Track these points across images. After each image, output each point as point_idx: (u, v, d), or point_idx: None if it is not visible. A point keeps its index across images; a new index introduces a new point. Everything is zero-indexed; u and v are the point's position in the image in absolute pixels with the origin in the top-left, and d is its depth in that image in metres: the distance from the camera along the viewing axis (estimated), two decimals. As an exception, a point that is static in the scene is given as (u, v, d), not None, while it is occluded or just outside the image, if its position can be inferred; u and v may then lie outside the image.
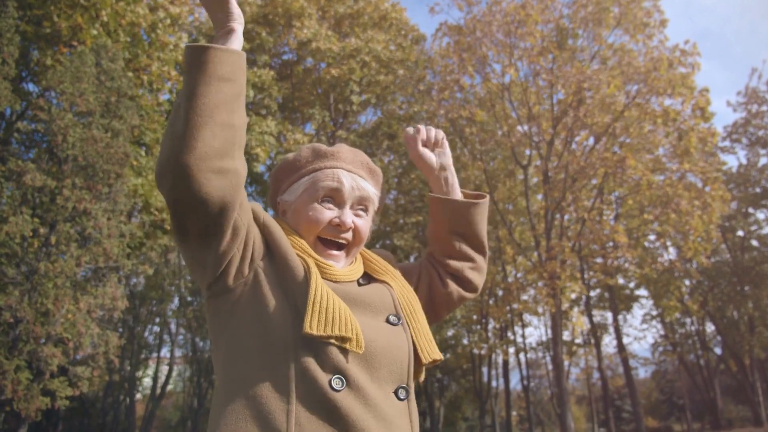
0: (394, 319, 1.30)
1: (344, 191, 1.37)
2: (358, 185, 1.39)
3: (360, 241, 1.39)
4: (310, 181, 1.38)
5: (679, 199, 17.02)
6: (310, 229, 1.35)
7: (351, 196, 1.38)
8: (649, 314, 30.66)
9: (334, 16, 22.23)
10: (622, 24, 19.31)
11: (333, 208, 1.36)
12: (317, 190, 1.36)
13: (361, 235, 1.38)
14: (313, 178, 1.39)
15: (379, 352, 1.21)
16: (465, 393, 33.77)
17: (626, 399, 41.42)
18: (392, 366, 1.23)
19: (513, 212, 21.53)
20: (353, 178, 1.39)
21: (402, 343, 1.27)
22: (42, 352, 11.60)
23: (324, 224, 1.34)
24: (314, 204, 1.36)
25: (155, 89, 18.01)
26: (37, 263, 12.15)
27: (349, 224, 1.35)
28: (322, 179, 1.37)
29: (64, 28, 15.96)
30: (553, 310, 16.69)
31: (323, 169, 1.39)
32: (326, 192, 1.36)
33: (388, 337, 1.25)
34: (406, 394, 1.24)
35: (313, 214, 1.35)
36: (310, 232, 1.35)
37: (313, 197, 1.37)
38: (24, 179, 12.32)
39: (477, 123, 18.78)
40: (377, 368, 1.20)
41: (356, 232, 1.38)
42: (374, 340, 1.22)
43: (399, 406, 1.22)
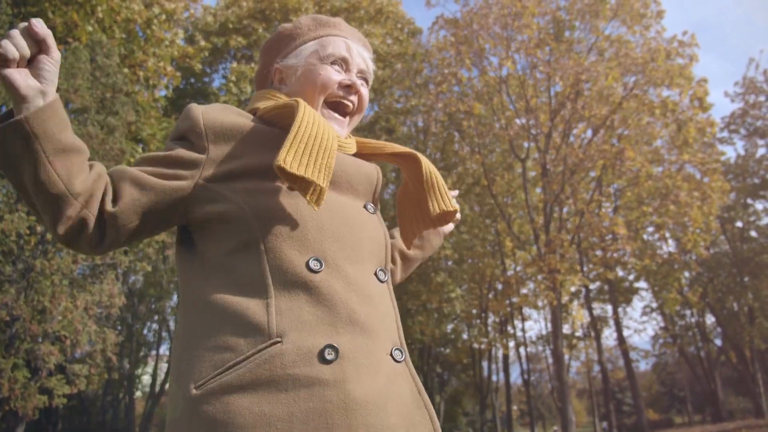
0: (371, 208, 1.29)
1: (351, 58, 1.39)
2: (362, 56, 1.42)
3: (362, 108, 1.42)
4: (318, 45, 1.39)
5: (678, 190, 16.99)
6: (321, 89, 1.34)
7: (356, 64, 1.40)
8: (649, 306, 30.68)
9: (330, 10, 22.12)
10: (619, 15, 19.23)
11: (341, 72, 1.37)
12: (327, 54, 1.36)
13: (363, 102, 1.40)
14: (321, 42, 1.39)
15: (358, 231, 1.19)
16: (465, 388, 33.80)
17: (627, 392, 41.49)
18: (371, 247, 1.21)
19: (512, 205, 21.49)
20: (357, 48, 1.42)
21: (378, 229, 1.26)
22: (39, 350, 11.56)
23: (335, 84, 1.35)
24: (325, 65, 1.36)
25: (151, 85, 17.93)
26: (34, 261, 12.09)
27: (358, 86, 1.37)
28: (331, 44, 1.38)
29: (59, 25, 15.87)
30: (554, 303, 16.66)
31: (330, 36, 1.40)
32: (335, 57, 1.37)
33: (365, 220, 1.24)
34: (385, 276, 1.22)
35: (325, 74, 1.34)
36: (320, 94, 1.34)
37: (322, 60, 1.36)
38: (19, 177, 12.25)
39: (475, 116, 18.72)
40: (356, 245, 1.17)
41: (360, 98, 1.39)
42: (354, 218, 1.20)
43: (380, 287, 1.19)
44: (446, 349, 28.11)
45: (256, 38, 20.71)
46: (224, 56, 22.47)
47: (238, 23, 20.87)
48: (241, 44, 20.59)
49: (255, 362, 0.99)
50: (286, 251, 1.09)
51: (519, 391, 43.05)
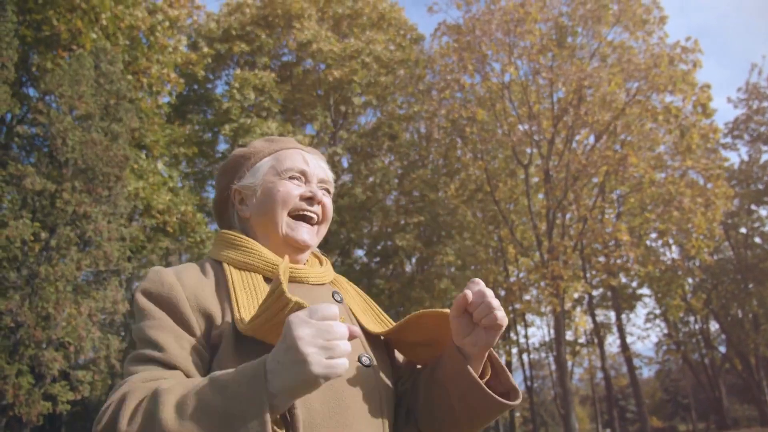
0: (366, 360, 1.22)
1: (310, 169, 1.38)
2: (319, 165, 1.41)
3: (326, 218, 1.39)
4: (274, 160, 1.38)
5: (682, 196, 16.97)
6: (283, 205, 1.32)
7: (315, 175, 1.38)
8: (652, 313, 30.56)
9: (332, 16, 22.21)
10: (622, 21, 19.27)
11: (301, 184, 1.36)
12: (285, 169, 1.36)
13: (327, 212, 1.39)
14: (277, 157, 1.38)
15: (349, 403, 1.13)
16: (468, 394, 33.65)
17: (630, 399, 41.30)
18: (368, 416, 1.16)
19: (514, 212, 21.48)
20: (314, 158, 1.41)
21: (376, 387, 1.20)
22: (43, 356, 11.56)
23: (295, 198, 1.33)
24: (283, 181, 1.34)
25: (155, 92, 18.00)
26: (38, 267, 12.11)
27: (320, 197, 1.35)
28: (288, 158, 1.38)
29: (64, 32, 15.96)
30: (558, 309, 16.63)
31: (285, 149, 1.40)
32: (293, 170, 1.36)
33: (361, 380, 1.18)
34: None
35: (284, 189, 1.33)
36: (282, 209, 1.32)
37: (280, 175, 1.35)
38: (24, 183, 12.29)
39: (478, 122, 18.74)
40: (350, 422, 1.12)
41: (324, 208, 1.38)
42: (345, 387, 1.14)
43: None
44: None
45: (260, 44, 20.78)
46: (227, 63, 22.54)
47: (241, 30, 20.95)
48: (245, 50, 20.66)
49: None
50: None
51: (522, 398, 42.89)
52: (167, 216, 16.50)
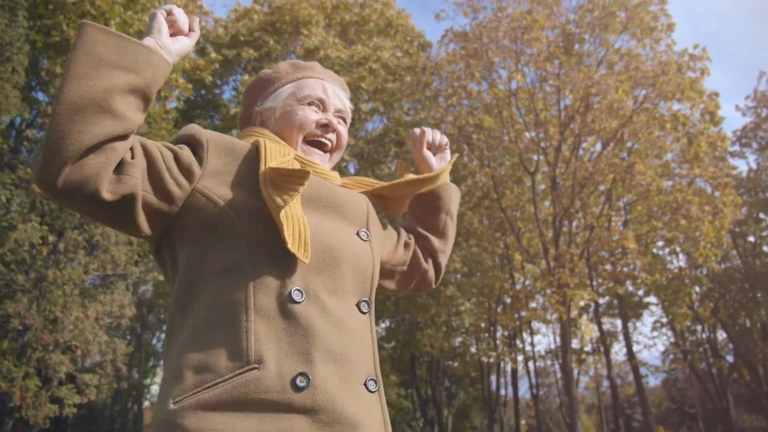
0: (365, 235, 1.33)
1: (328, 98, 1.45)
2: (338, 95, 1.49)
3: (341, 146, 1.47)
4: (295, 87, 1.45)
5: (689, 204, 16.90)
6: (298, 128, 1.40)
7: (332, 104, 1.46)
8: (659, 322, 30.38)
9: (340, 23, 22.29)
10: (629, 28, 19.27)
11: (318, 111, 1.43)
12: (304, 95, 1.43)
13: (342, 139, 1.46)
14: (298, 84, 1.46)
15: (344, 263, 1.22)
16: (473, 402, 33.53)
17: (636, 408, 41.02)
18: (356, 278, 1.24)
19: (521, 219, 21.44)
20: (333, 88, 1.48)
21: (368, 258, 1.29)
22: (50, 359, 11.61)
23: (312, 124, 1.40)
24: (302, 106, 1.42)
25: (162, 96, 18.09)
26: (46, 270, 12.17)
27: (335, 124, 1.43)
28: (308, 86, 1.45)
29: (73, 37, 16.07)
30: (564, 317, 16.56)
31: (307, 78, 1.47)
32: (312, 98, 1.43)
33: (355, 249, 1.27)
34: (368, 308, 1.26)
35: (302, 113, 1.41)
36: (299, 133, 1.40)
37: (299, 101, 1.43)
38: (33, 187, 12.37)
39: (484, 129, 18.74)
40: (341, 277, 1.21)
41: (339, 136, 1.45)
42: (342, 250, 1.23)
43: (360, 318, 1.23)
44: (454, 363, 27.95)
45: (267, 50, 20.87)
46: (234, 68, 22.64)
47: (249, 36, 21.05)
48: (253, 56, 20.75)
49: (231, 384, 1.04)
50: (271, 280, 1.14)
51: (527, 406, 42.68)
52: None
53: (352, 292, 1.23)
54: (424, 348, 21.08)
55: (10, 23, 12.63)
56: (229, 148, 1.26)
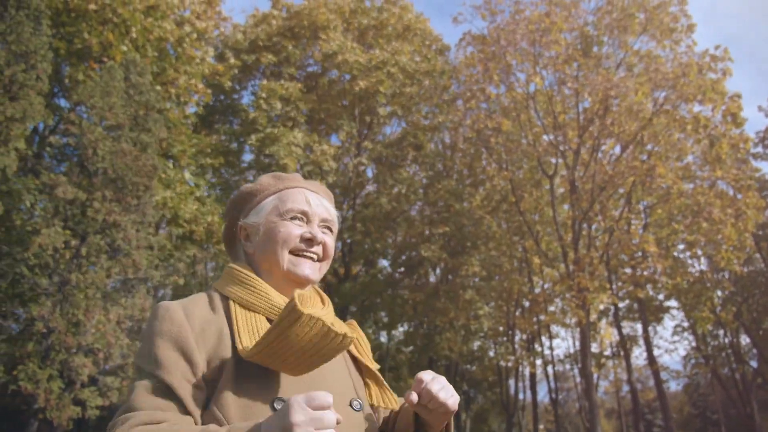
0: (357, 405, 1.30)
1: (311, 209, 1.41)
2: (322, 204, 1.45)
3: (327, 256, 1.43)
4: (278, 200, 1.42)
5: (711, 207, 16.68)
6: (283, 245, 1.36)
7: (317, 215, 1.42)
8: (680, 326, 30.00)
9: (358, 27, 22.36)
10: (649, 30, 19.10)
11: (302, 225, 1.40)
12: (287, 209, 1.40)
13: (328, 251, 1.42)
14: (280, 197, 1.43)
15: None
16: (492, 406, 33.36)
17: (657, 413, 40.50)
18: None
19: (540, 222, 21.32)
20: (317, 197, 1.45)
21: (360, 427, 1.27)
22: (73, 362, 11.76)
23: (296, 239, 1.37)
24: (284, 221, 1.39)
25: (182, 102, 18.28)
26: (69, 274, 12.34)
27: (320, 238, 1.39)
28: (290, 198, 1.42)
29: (95, 45, 16.32)
30: (584, 321, 16.42)
31: (289, 188, 1.44)
32: (295, 211, 1.40)
33: (349, 423, 1.24)
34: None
35: (285, 230, 1.37)
36: (283, 249, 1.36)
37: (282, 215, 1.39)
38: (56, 192, 12.56)
39: (503, 132, 18.68)
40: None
41: (325, 248, 1.41)
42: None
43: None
44: (472, 367, 27.82)
45: (286, 55, 21.00)
46: (253, 73, 22.82)
47: (267, 40, 21.21)
48: (272, 61, 20.89)
49: None
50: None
51: (546, 410, 42.36)
52: (194, 225, 16.73)
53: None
54: (442, 352, 21.02)
55: (34, 32, 12.84)
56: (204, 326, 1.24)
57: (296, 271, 1.35)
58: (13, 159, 11.97)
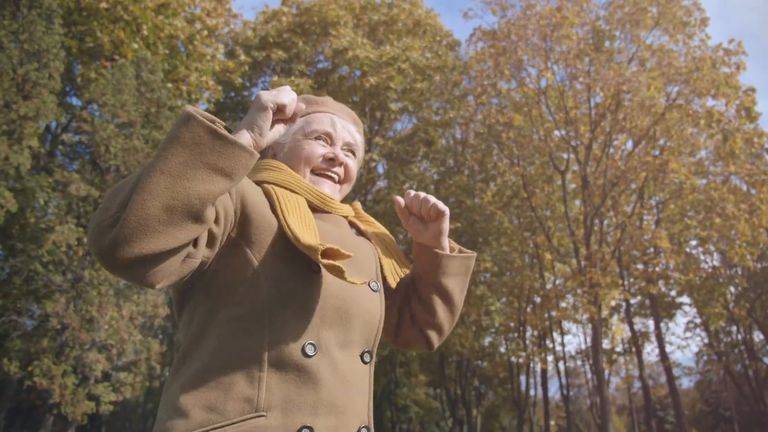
0: (375, 285, 1.33)
1: (335, 132, 1.46)
2: (347, 129, 1.50)
3: (349, 178, 1.48)
4: (304, 122, 1.47)
5: (725, 202, 16.53)
6: (305, 162, 1.42)
7: (340, 138, 1.47)
8: (692, 322, 29.81)
9: (368, 23, 22.32)
10: (661, 24, 18.93)
11: (326, 146, 1.45)
12: (312, 130, 1.45)
13: (350, 173, 1.47)
14: (307, 119, 1.47)
15: (354, 315, 1.24)
16: (503, 402, 33.35)
17: (669, 410, 40.30)
18: (364, 330, 1.26)
19: (551, 218, 21.23)
20: (342, 122, 1.50)
21: (377, 310, 1.31)
22: (87, 357, 11.87)
23: (318, 157, 1.42)
24: (309, 140, 1.44)
25: (193, 99, 18.34)
26: (82, 271, 12.45)
27: (341, 158, 1.44)
28: (316, 121, 1.47)
29: (107, 43, 16.40)
30: (597, 317, 16.35)
31: (315, 113, 1.49)
32: (320, 132, 1.45)
33: (366, 302, 1.28)
34: (370, 358, 1.28)
35: (309, 148, 1.43)
36: (305, 166, 1.42)
37: (307, 135, 1.45)
38: (69, 189, 12.66)
39: (514, 128, 18.61)
40: (350, 330, 1.23)
41: (347, 169, 1.46)
42: (354, 304, 1.25)
43: (362, 369, 1.25)
44: (484, 363, 27.81)
45: (297, 52, 21.00)
46: (264, 70, 22.84)
47: (278, 37, 21.21)
48: (282, 58, 20.90)
49: (238, 428, 1.06)
50: (286, 333, 1.16)
51: (557, 407, 42.27)
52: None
53: (358, 343, 1.26)
54: (453, 348, 21.02)
55: (47, 30, 12.93)
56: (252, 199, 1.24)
57: (319, 194, 1.38)
58: (27, 157, 12.07)
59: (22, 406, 18.26)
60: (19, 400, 17.22)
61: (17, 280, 12.75)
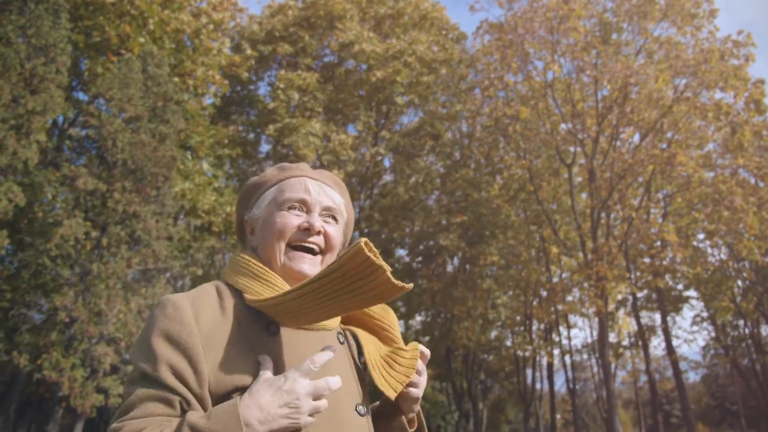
0: (362, 409, 1.25)
1: (311, 198, 1.33)
2: (324, 192, 1.36)
3: (331, 247, 1.34)
4: (277, 191, 1.36)
5: (733, 196, 16.44)
6: (278, 236, 1.29)
7: (317, 203, 1.34)
8: (699, 316, 29.71)
9: (374, 17, 22.26)
10: (669, 16, 18.79)
11: (301, 214, 1.32)
12: (285, 199, 1.33)
13: (331, 241, 1.33)
14: (279, 187, 1.36)
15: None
16: (509, 395, 33.37)
17: (675, 403, 40.27)
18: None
19: (558, 211, 21.18)
20: (319, 185, 1.37)
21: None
22: (95, 350, 11.93)
23: (292, 229, 1.30)
24: (282, 212, 1.32)
25: (199, 93, 18.34)
26: (90, 265, 12.50)
27: (317, 227, 1.30)
28: (289, 188, 1.35)
29: (113, 37, 16.42)
30: (603, 310, 16.32)
31: (289, 178, 1.37)
32: (293, 200, 1.33)
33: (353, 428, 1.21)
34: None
35: (281, 220, 1.30)
36: (279, 240, 1.29)
37: (280, 206, 1.33)
38: (77, 184, 12.70)
39: (521, 121, 18.54)
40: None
41: (327, 238, 1.33)
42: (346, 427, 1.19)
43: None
44: (490, 356, 27.83)
45: (303, 46, 20.96)
46: (269, 64, 22.82)
47: (284, 31, 21.18)
48: (288, 52, 20.87)
49: None
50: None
51: (563, 400, 42.29)
52: (212, 216, 16.84)
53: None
54: (460, 341, 21.03)
55: (54, 25, 12.95)
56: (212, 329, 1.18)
57: (292, 266, 1.28)
58: (35, 151, 12.12)
59: (31, 399, 18.39)
60: (29, 393, 17.35)
61: (26, 274, 12.83)
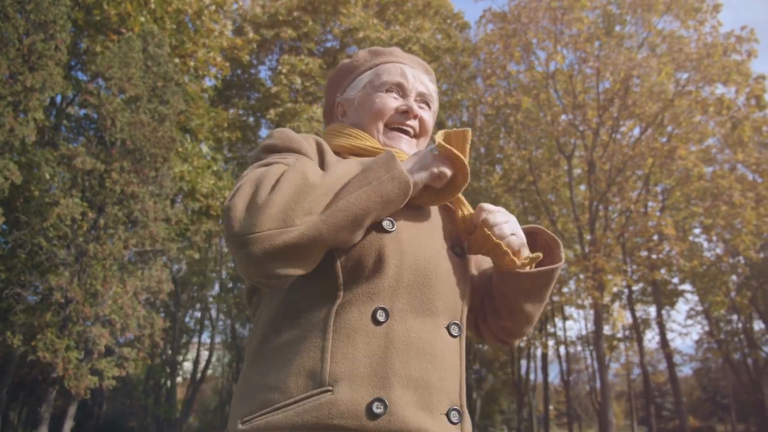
0: (458, 250, 1.23)
1: (408, 83, 1.36)
2: (420, 79, 1.39)
3: (425, 131, 1.38)
4: (374, 74, 1.38)
5: (732, 191, 16.46)
6: (377, 117, 1.32)
7: (414, 88, 1.37)
8: (693, 310, 29.88)
9: (378, 2, 22.06)
10: (673, 9, 18.69)
11: (398, 98, 1.35)
12: (382, 82, 1.35)
13: (425, 125, 1.37)
14: (376, 71, 1.38)
15: (435, 280, 1.14)
16: (503, 386, 33.53)
17: (667, 396, 40.55)
18: (447, 298, 1.16)
19: (556, 203, 21.17)
20: (414, 73, 1.39)
21: (461, 276, 1.20)
22: (90, 332, 11.88)
23: (391, 111, 1.33)
24: (379, 93, 1.34)
25: (200, 75, 18.19)
26: (87, 245, 12.42)
27: (416, 111, 1.34)
28: (386, 72, 1.37)
29: (113, 16, 16.24)
30: (601, 301, 16.35)
31: (385, 63, 1.39)
32: (390, 84, 1.35)
33: (449, 266, 1.18)
34: (458, 331, 1.16)
35: (380, 101, 1.33)
36: (376, 121, 1.33)
37: (377, 88, 1.35)
38: (74, 163, 12.60)
39: (522, 111, 18.48)
40: (430, 297, 1.13)
41: (422, 122, 1.36)
42: (434, 267, 1.15)
43: (449, 342, 1.14)
44: (484, 346, 27.93)
45: (306, 30, 20.76)
46: (272, 48, 22.62)
47: (287, 15, 20.95)
48: (291, 36, 20.67)
49: (303, 407, 0.99)
50: (355, 298, 1.08)
51: (557, 391, 42.55)
52: (211, 199, 16.74)
53: (442, 313, 1.14)
54: (455, 331, 21.09)
55: (53, 1, 12.77)
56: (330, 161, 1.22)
57: (392, 144, 1.31)
58: (32, 129, 11.98)
59: (24, 381, 18.36)
60: (22, 375, 17.30)
61: (21, 254, 12.74)
